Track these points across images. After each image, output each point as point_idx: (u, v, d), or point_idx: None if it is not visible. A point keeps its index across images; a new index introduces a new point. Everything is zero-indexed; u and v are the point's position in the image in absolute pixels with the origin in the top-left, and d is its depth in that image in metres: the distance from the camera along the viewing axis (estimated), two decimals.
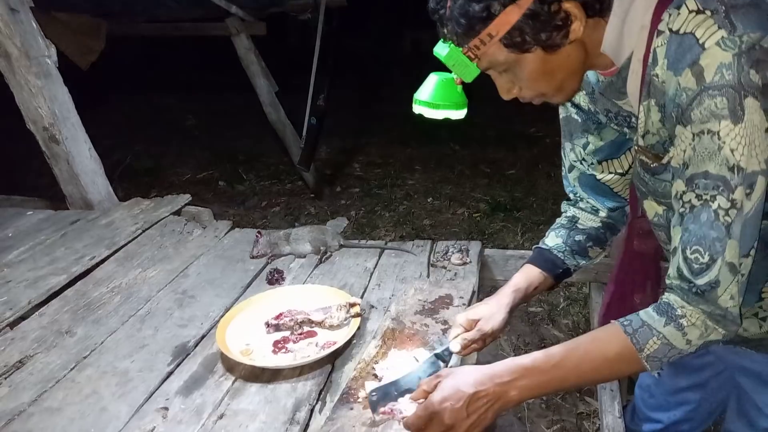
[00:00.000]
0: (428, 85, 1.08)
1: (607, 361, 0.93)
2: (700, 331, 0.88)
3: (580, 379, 0.97)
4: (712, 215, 0.82)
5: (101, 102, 5.59)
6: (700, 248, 0.84)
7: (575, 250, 1.24)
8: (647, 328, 0.90)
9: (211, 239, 1.98)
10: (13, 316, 1.53)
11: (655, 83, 0.84)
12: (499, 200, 4.19)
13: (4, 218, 2.16)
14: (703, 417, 1.45)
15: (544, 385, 0.95)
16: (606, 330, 0.95)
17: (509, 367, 0.95)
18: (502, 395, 0.94)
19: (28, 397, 1.24)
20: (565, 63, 0.88)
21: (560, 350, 0.96)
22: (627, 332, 0.92)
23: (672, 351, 0.90)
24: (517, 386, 0.94)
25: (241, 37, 4.21)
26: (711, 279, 0.85)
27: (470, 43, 0.85)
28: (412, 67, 7.47)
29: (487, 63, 0.88)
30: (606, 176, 1.19)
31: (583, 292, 2.95)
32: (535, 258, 1.25)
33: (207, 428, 1.12)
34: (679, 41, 0.79)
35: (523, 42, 0.83)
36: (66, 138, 2.17)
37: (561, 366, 0.94)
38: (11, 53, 2.04)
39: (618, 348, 0.92)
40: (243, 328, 1.40)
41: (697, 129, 0.79)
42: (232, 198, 4.57)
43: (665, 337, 0.89)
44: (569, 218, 1.27)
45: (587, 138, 1.16)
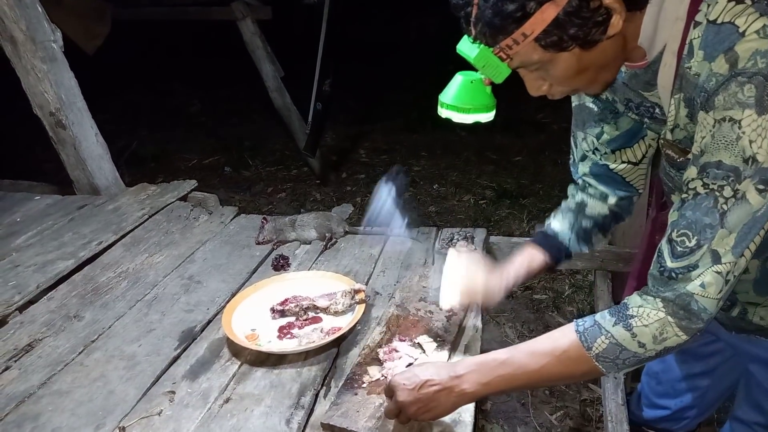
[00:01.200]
0: (454, 86, 1.01)
1: (555, 359, 0.92)
2: (652, 334, 0.85)
3: (530, 376, 0.95)
4: (712, 202, 0.79)
5: (107, 87, 5.58)
6: (688, 232, 0.82)
7: (581, 237, 1.23)
8: (597, 327, 0.90)
9: (217, 225, 1.99)
10: (21, 300, 1.54)
11: (687, 76, 0.81)
12: (506, 187, 4.17)
13: (13, 203, 2.18)
14: (708, 404, 1.46)
15: (494, 381, 0.96)
16: (560, 329, 0.95)
17: (466, 362, 0.99)
18: (455, 387, 0.97)
19: (38, 379, 1.25)
20: (601, 57, 0.84)
21: (511, 349, 0.97)
22: (578, 330, 0.91)
23: (624, 353, 0.87)
24: (469, 380, 0.96)
25: (246, 21, 4.18)
26: (690, 263, 0.82)
27: (502, 43, 0.80)
28: (418, 52, 7.42)
29: (519, 62, 0.84)
30: (619, 165, 1.17)
31: (588, 280, 2.94)
32: (540, 240, 1.24)
33: (213, 412, 1.13)
34: (717, 31, 0.76)
35: (560, 41, 0.79)
36: (72, 123, 2.17)
37: (509, 363, 0.95)
38: (17, 38, 2.04)
39: (566, 345, 0.92)
40: (249, 314, 1.41)
41: (719, 115, 0.76)
42: (237, 184, 4.58)
43: (613, 337, 0.87)
44: (578, 203, 1.25)
45: (602, 127, 1.14)
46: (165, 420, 1.12)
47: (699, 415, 1.49)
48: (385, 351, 1.23)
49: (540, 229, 1.27)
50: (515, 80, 0.95)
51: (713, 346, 1.31)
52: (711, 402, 1.45)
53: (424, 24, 8.36)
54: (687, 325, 0.85)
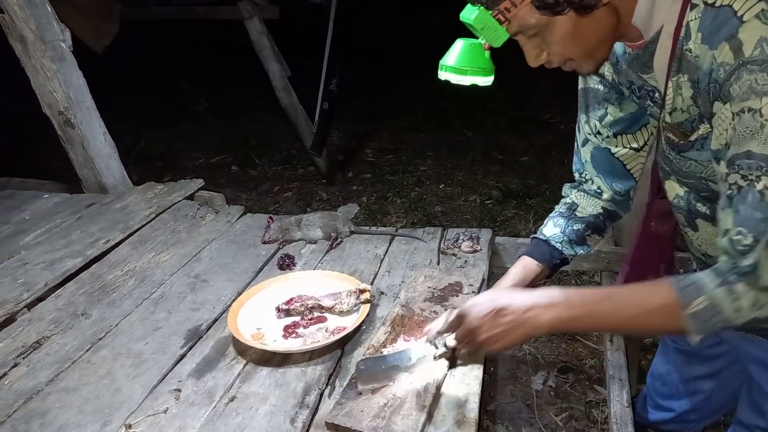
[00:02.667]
0: (455, 50, 1.04)
1: (648, 310, 0.89)
2: (751, 302, 0.83)
3: (615, 322, 0.93)
4: (758, 196, 0.78)
5: (115, 86, 5.62)
6: (743, 229, 0.81)
7: (573, 240, 1.23)
8: (697, 286, 0.86)
9: (224, 224, 2.00)
10: (30, 298, 1.56)
11: (688, 58, 0.82)
12: (512, 187, 4.16)
13: (21, 201, 2.20)
14: (714, 407, 1.45)
15: (578, 318, 0.93)
16: (655, 282, 0.92)
17: (548, 293, 0.95)
18: (531, 319, 0.93)
19: (45, 376, 1.27)
20: (596, 28, 0.86)
21: (604, 290, 0.97)
22: (676, 287, 0.88)
23: (717, 317, 0.85)
24: (550, 313, 0.93)
25: (253, 20, 4.19)
26: (755, 261, 0.81)
27: (501, 5, 0.83)
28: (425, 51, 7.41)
29: (517, 26, 0.86)
30: (621, 150, 1.18)
31: (594, 281, 2.93)
32: (533, 250, 1.24)
33: (218, 410, 1.14)
34: (715, 14, 0.77)
35: (555, 3, 0.82)
36: (81, 122, 2.19)
37: (601, 303, 0.93)
38: (27, 37, 2.06)
39: (662, 301, 0.88)
40: (254, 313, 1.42)
41: (737, 107, 0.76)
42: (244, 183, 4.59)
43: (715, 298, 0.85)
44: (568, 206, 1.26)
45: (606, 109, 1.14)
46: (171, 418, 1.13)
47: (704, 418, 1.48)
48: (389, 350, 1.23)
49: (533, 236, 1.28)
50: (520, 80, 0.95)
51: (718, 349, 1.31)
52: (716, 405, 1.44)
53: (431, 22, 8.35)
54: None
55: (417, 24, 8.72)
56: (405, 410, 1.08)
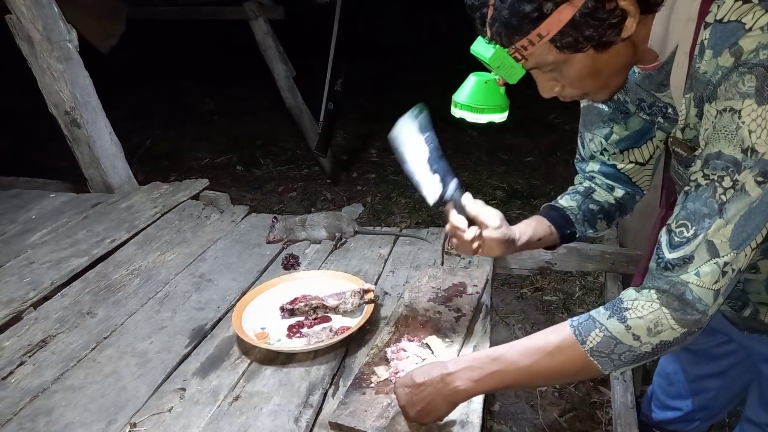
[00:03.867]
0: (468, 87, 1.02)
1: (548, 354, 0.90)
2: (647, 326, 0.83)
3: (522, 373, 0.93)
4: (711, 193, 0.79)
5: (120, 86, 5.64)
6: (687, 222, 0.82)
7: (587, 218, 1.22)
8: (591, 321, 0.88)
9: (228, 224, 2.00)
10: (36, 297, 1.57)
11: (698, 76, 0.82)
12: (516, 188, 4.16)
13: (28, 200, 2.21)
14: (721, 405, 1.45)
15: (486, 378, 0.94)
16: (555, 326, 0.94)
17: (459, 360, 0.99)
18: (447, 386, 0.96)
19: (51, 375, 1.27)
20: (613, 61, 0.85)
21: (505, 345, 0.96)
22: (572, 325, 0.90)
23: (619, 347, 0.85)
24: (461, 377, 0.95)
25: (259, 21, 4.20)
26: (686, 253, 0.81)
27: (518, 43, 0.81)
28: (430, 51, 7.40)
29: (533, 63, 0.85)
30: (627, 166, 1.18)
31: (599, 282, 2.93)
32: (548, 212, 1.23)
33: (223, 409, 1.14)
34: (723, 29, 0.78)
35: (575, 42, 0.80)
36: (87, 122, 2.20)
37: (501, 360, 0.93)
38: (34, 38, 2.07)
39: (559, 340, 0.90)
40: (259, 312, 1.42)
41: (720, 106, 0.77)
42: (249, 182, 4.61)
43: (608, 330, 0.86)
44: (586, 188, 1.25)
45: (611, 128, 1.14)
46: (175, 417, 1.13)
47: (711, 417, 1.48)
48: (393, 350, 1.23)
49: (546, 204, 1.26)
50: (526, 80, 0.96)
51: (726, 347, 1.30)
52: (723, 404, 1.44)
53: (436, 23, 8.34)
54: (681, 317, 0.83)
55: (422, 24, 8.72)
56: None
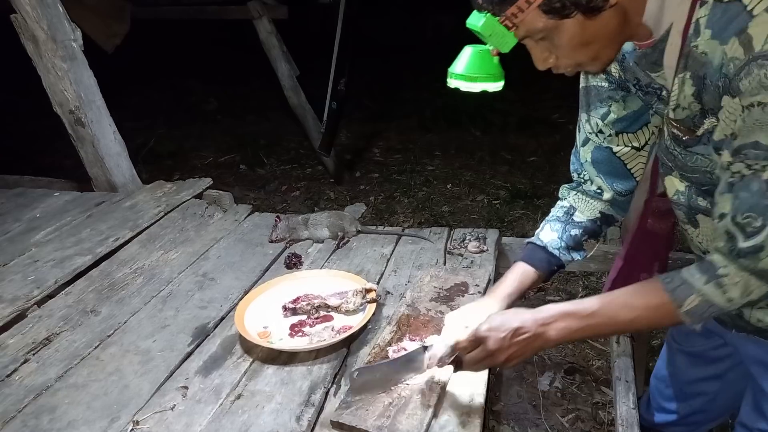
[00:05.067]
0: (463, 57, 1.04)
1: (646, 311, 0.96)
2: (741, 290, 0.88)
3: (616, 327, 1.04)
4: (764, 185, 0.80)
5: (125, 85, 5.66)
6: (753, 213, 0.83)
7: (570, 246, 1.22)
8: (687, 286, 0.91)
9: (232, 223, 2.01)
10: (40, 295, 1.58)
11: (695, 55, 0.82)
12: (520, 187, 4.15)
13: (32, 199, 2.22)
14: (719, 409, 1.44)
15: (581, 329, 1.00)
16: (646, 285, 0.97)
17: (551, 310, 1.01)
18: (542, 334, 1.00)
19: (55, 373, 1.28)
20: (603, 30, 0.86)
21: (599, 300, 1.00)
22: (667, 289, 0.93)
23: (712, 308, 0.90)
24: (556, 327, 1.00)
25: (263, 20, 4.21)
26: (757, 242, 0.83)
27: (507, 11, 0.82)
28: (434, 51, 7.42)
29: (524, 31, 0.86)
30: (622, 149, 1.17)
31: (601, 282, 2.92)
32: (530, 256, 1.23)
33: (225, 408, 1.15)
34: (724, 9, 0.77)
35: (562, 6, 0.81)
36: (91, 121, 2.21)
37: (598, 314, 0.99)
38: (39, 37, 2.08)
39: (656, 303, 0.94)
40: (261, 311, 1.43)
41: (747, 101, 0.77)
42: (252, 182, 4.62)
43: (705, 295, 0.89)
44: (565, 210, 1.25)
45: (609, 107, 1.14)
46: (178, 415, 1.14)
47: (709, 420, 1.47)
48: (395, 350, 1.23)
49: (529, 240, 1.26)
50: (530, 80, 0.95)
51: (723, 350, 1.30)
52: (722, 407, 1.43)
53: (440, 23, 8.33)
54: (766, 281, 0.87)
55: (426, 24, 8.72)
56: (410, 409, 1.08)
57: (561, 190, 1.30)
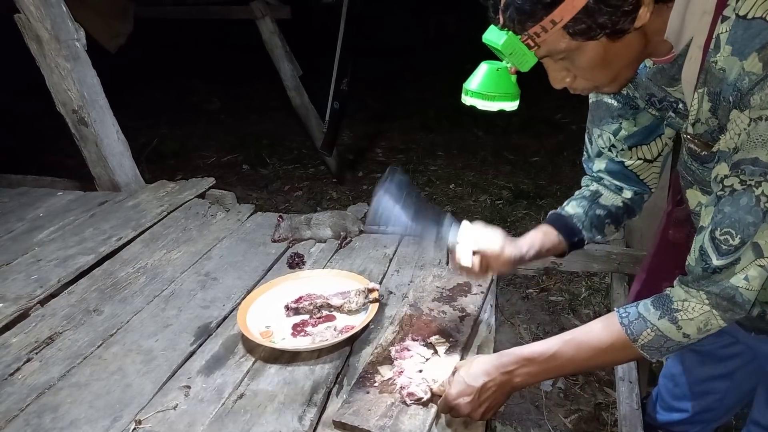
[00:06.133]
0: (479, 74, 1.00)
1: (601, 351, 0.98)
2: (697, 326, 0.89)
3: (577, 367, 1.06)
4: (753, 200, 0.79)
5: (128, 85, 5.67)
6: (732, 230, 0.82)
7: (594, 224, 1.21)
8: (642, 320, 0.93)
9: (234, 222, 2.01)
10: (43, 294, 1.58)
11: (713, 71, 0.80)
12: (522, 188, 4.15)
13: (36, 198, 2.23)
14: (727, 407, 1.44)
15: (543, 372, 1.05)
16: (603, 321, 0.99)
17: (513, 358, 1.05)
18: (507, 382, 1.05)
19: (58, 372, 1.28)
20: (625, 51, 0.84)
21: (557, 341, 1.02)
22: (622, 323, 0.95)
23: (669, 342, 0.91)
24: (520, 374, 1.04)
25: (265, 20, 4.21)
26: (733, 259, 0.84)
27: (531, 30, 0.80)
28: (437, 51, 7.39)
29: (546, 51, 0.84)
30: (635, 162, 1.17)
31: (605, 282, 2.92)
32: (555, 221, 1.22)
33: (227, 407, 1.15)
34: (747, 26, 0.76)
35: (588, 29, 0.79)
36: (94, 121, 2.21)
37: (557, 357, 1.01)
38: (42, 37, 2.08)
39: (612, 339, 0.96)
40: (263, 311, 1.43)
41: (755, 114, 0.76)
42: (255, 181, 4.62)
43: (659, 330, 0.91)
44: (592, 192, 1.24)
45: (620, 123, 1.13)
46: (180, 414, 1.14)
47: (717, 418, 1.47)
48: (397, 350, 1.23)
49: (553, 212, 1.25)
50: (533, 80, 0.95)
51: (733, 349, 1.29)
52: (730, 406, 1.43)
53: (443, 22, 8.33)
54: (730, 316, 0.88)
55: (429, 23, 8.71)
56: (412, 410, 1.08)
57: (584, 180, 1.28)
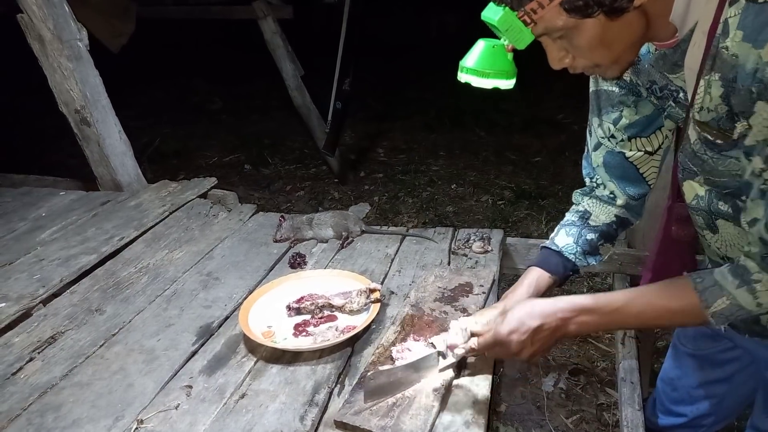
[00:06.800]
0: (476, 51, 0.99)
1: (670, 312, 0.95)
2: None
3: (640, 323, 1.03)
4: None
5: (130, 85, 5.68)
6: None
7: (586, 251, 1.21)
8: (718, 288, 0.90)
9: (236, 222, 2.01)
10: (45, 293, 1.58)
11: (724, 56, 0.78)
12: (524, 188, 4.14)
13: (38, 198, 2.23)
14: (726, 412, 1.43)
15: (603, 323, 1.01)
16: (675, 283, 0.96)
17: (572, 304, 1.00)
18: (562, 327, 1.00)
19: (60, 371, 1.29)
20: (625, 32, 0.83)
21: (625, 296, 0.99)
22: (697, 288, 0.91)
23: (740, 312, 0.89)
24: (577, 321, 1.00)
25: (267, 20, 4.22)
26: None
27: (527, 6, 0.79)
28: (438, 50, 7.40)
29: (543, 28, 0.82)
30: (635, 154, 1.15)
31: (606, 283, 2.91)
32: (545, 261, 1.21)
33: (229, 407, 1.15)
34: (758, 10, 0.74)
35: (585, 5, 0.77)
36: (97, 120, 2.21)
37: (623, 311, 0.98)
38: (45, 37, 2.09)
39: (684, 302, 0.93)
40: (265, 311, 1.43)
41: None
42: (257, 181, 4.62)
43: (735, 299, 0.88)
44: (580, 214, 1.23)
45: (621, 112, 1.12)
46: (182, 414, 1.14)
47: (716, 423, 1.46)
48: (399, 350, 1.23)
49: (544, 245, 1.25)
50: (535, 80, 0.94)
51: (731, 353, 1.29)
52: (729, 410, 1.42)
53: (445, 22, 8.34)
54: None
55: (431, 23, 8.72)
56: (414, 410, 1.08)
57: (574, 196, 1.28)
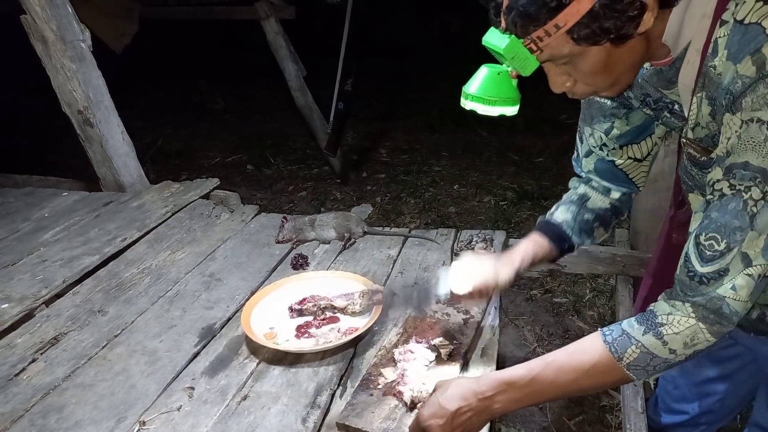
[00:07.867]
0: (479, 78, 0.98)
1: (584, 373, 0.92)
2: (683, 341, 0.85)
3: (560, 391, 0.96)
4: (741, 205, 0.78)
5: (133, 85, 5.69)
6: (717, 235, 0.81)
7: (583, 229, 1.22)
8: (625, 337, 0.89)
9: (238, 223, 2.01)
10: (48, 294, 1.58)
11: (710, 75, 0.80)
12: (527, 188, 4.14)
13: (41, 199, 2.24)
14: (728, 409, 1.43)
15: (524, 398, 0.97)
16: (585, 340, 0.95)
17: (491, 383, 0.98)
18: (485, 409, 0.97)
19: (62, 372, 1.29)
20: (627, 56, 0.83)
21: (539, 364, 0.96)
22: (605, 341, 0.90)
23: (655, 360, 0.87)
24: (499, 400, 0.97)
25: (270, 21, 4.22)
26: (720, 267, 0.81)
27: (533, 34, 0.78)
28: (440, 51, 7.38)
29: (548, 55, 0.82)
30: (625, 161, 1.17)
31: (609, 284, 2.91)
32: (544, 228, 1.22)
33: (231, 409, 1.15)
34: (743, 31, 0.75)
35: (593, 34, 0.77)
36: (99, 121, 2.22)
37: (538, 380, 0.95)
38: (48, 37, 2.09)
39: (595, 358, 0.91)
40: (267, 312, 1.43)
41: (746, 116, 0.75)
42: (259, 182, 4.62)
43: (644, 346, 0.87)
44: (579, 195, 1.24)
45: (612, 122, 1.13)
46: (184, 415, 1.14)
47: (718, 420, 1.46)
48: (401, 352, 1.23)
49: (542, 218, 1.26)
50: (536, 80, 0.94)
51: (732, 350, 1.29)
52: (730, 407, 1.42)
53: (447, 22, 8.33)
54: (718, 330, 0.85)
55: (433, 24, 8.71)
56: (416, 412, 1.08)
57: (571, 182, 1.29)
